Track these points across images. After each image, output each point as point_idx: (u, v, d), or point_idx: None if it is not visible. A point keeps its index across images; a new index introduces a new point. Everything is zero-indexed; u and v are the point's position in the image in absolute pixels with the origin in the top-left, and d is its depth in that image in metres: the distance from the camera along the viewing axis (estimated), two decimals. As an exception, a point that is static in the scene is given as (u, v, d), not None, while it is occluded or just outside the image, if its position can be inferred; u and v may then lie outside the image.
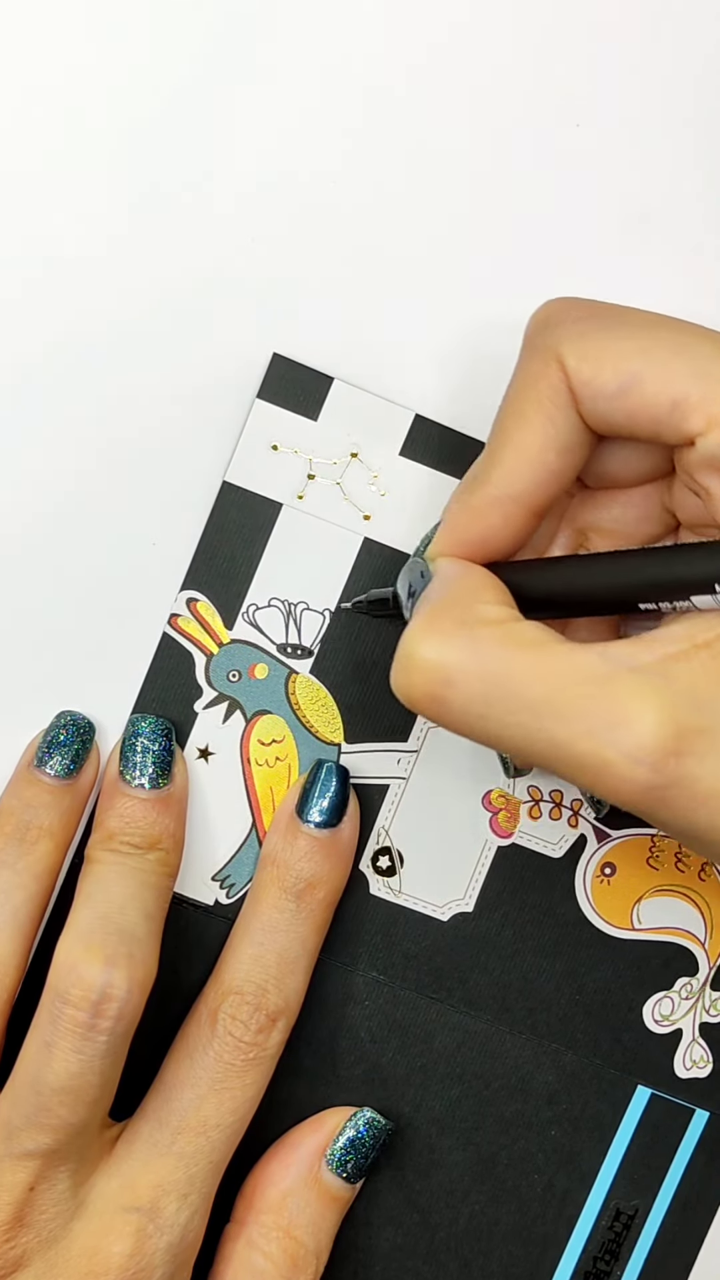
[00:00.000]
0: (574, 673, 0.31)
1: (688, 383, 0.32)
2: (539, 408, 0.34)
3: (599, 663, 0.31)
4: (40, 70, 0.40)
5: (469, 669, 0.32)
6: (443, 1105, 0.42)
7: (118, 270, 0.40)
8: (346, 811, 0.40)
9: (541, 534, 0.37)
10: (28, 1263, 0.36)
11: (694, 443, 0.32)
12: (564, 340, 0.34)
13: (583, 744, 0.31)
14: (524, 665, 0.32)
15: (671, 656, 0.32)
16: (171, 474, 0.41)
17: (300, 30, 0.40)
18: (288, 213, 0.41)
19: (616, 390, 0.33)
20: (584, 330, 0.34)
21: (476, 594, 0.34)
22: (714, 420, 0.32)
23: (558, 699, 0.31)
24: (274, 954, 0.39)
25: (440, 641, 0.32)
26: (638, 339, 0.33)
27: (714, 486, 0.33)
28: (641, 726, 0.30)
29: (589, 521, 0.37)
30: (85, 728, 0.40)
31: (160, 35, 0.40)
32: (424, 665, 0.32)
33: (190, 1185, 0.38)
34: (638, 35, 0.41)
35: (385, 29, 0.41)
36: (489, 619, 0.33)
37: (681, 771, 0.30)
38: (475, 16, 0.41)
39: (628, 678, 0.31)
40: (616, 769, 0.31)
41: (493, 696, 0.31)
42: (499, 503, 0.34)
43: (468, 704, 0.32)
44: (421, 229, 0.41)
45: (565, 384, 0.33)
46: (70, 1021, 0.36)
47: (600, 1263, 0.43)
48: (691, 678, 0.31)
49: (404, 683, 0.33)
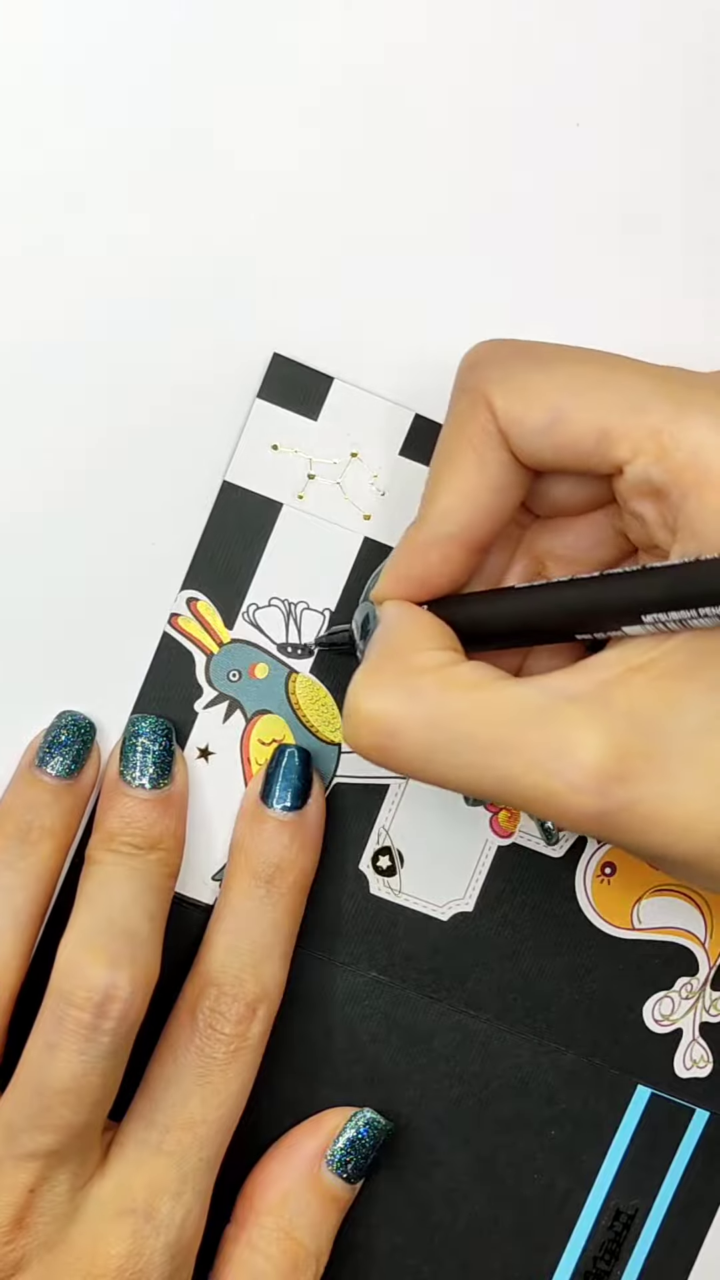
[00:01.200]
0: (513, 709, 0.32)
1: (611, 413, 0.33)
2: (470, 449, 0.35)
3: (536, 696, 0.32)
4: (41, 69, 0.40)
5: (411, 718, 0.33)
6: (442, 1105, 0.42)
7: (118, 270, 0.40)
8: (311, 794, 0.41)
9: (496, 564, 0.37)
10: (26, 1266, 0.36)
11: (623, 471, 0.33)
12: (491, 381, 0.34)
13: (529, 777, 0.31)
14: (463, 708, 0.32)
15: (607, 683, 0.32)
16: (172, 474, 0.41)
17: (302, 30, 0.40)
18: (288, 213, 0.41)
19: (544, 426, 0.33)
20: (511, 370, 0.34)
21: (415, 642, 0.34)
22: (639, 448, 0.32)
23: (500, 736, 0.32)
24: (248, 942, 0.39)
25: (381, 694, 0.33)
26: (562, 374, 0.34)
27: (647, 512, 0.33)
28: (584, 754, 0.31)
29: (544, 549, 0.37)
30: (86, 728, 0.40)
31: (162, 35, 0.40)
32: (368, 719, 0.33)
33: (183, 1183, 0.38)
34: (638, 35, 0.41)
35: (386, 29, 0.41)
36: (426, 666, 0.33)
37: (628, 795, 0.31)
38: (476, 17, 0.41)
39: (566, 708, 0.32)
40: (563, 799, 0.31)
41: (437, 742, 0.32)
42: (437, 542, 0.35)
43: (414, 751, 0.33)
44: (422, 229, 0.41)
45: (495, 424, 0.34)
46: (74, 1023, 0.36)
47: (600, 1263, 0.43)
48: (630, 702, 0.32)
49: (352, 736, 0.34)
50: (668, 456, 0.32)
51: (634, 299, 0.42)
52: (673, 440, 0.32)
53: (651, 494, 0.33)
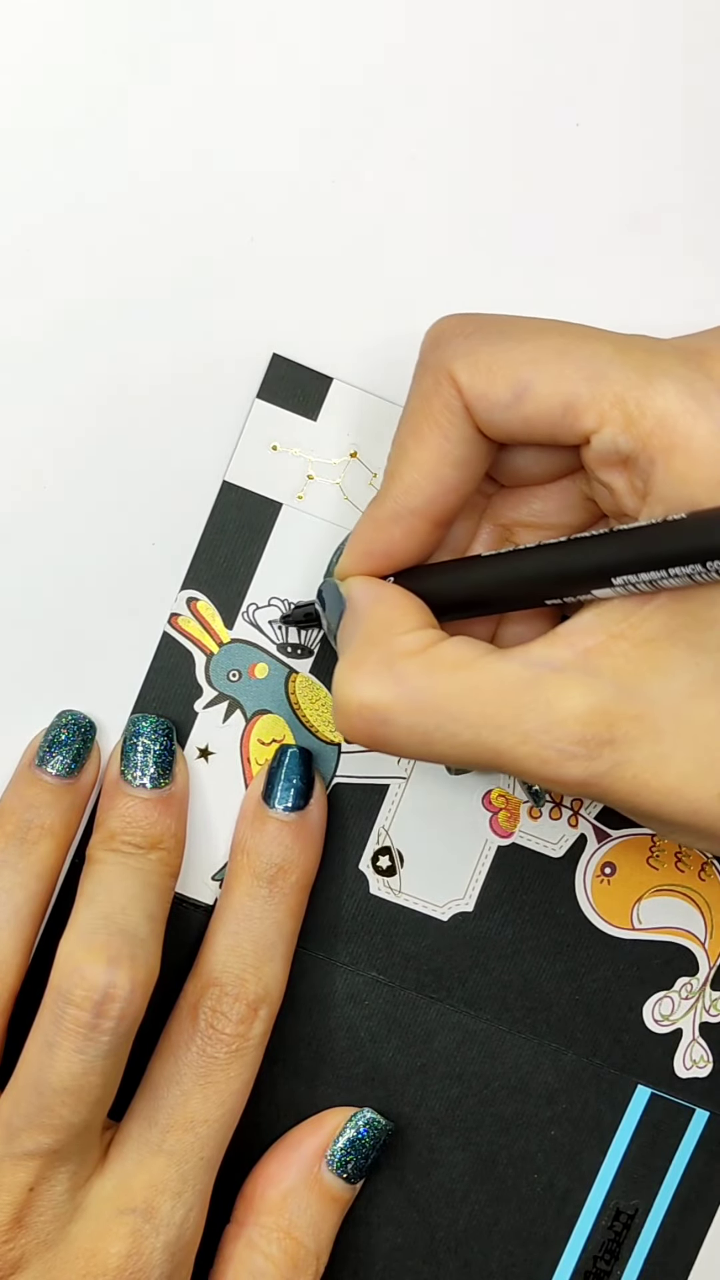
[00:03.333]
0: (500, 684, 0.33)
1: (576, 384, 0.33)
2: (433, 424, 0.35)
3: (522, 669, 0.33)
4: (41, 66, 0.40)
5: (400, 704, 0.33)
6: (443, 1105, 0.42)
7: (118, 271, 0.40)
8: (313, 794, 0.41)
9: (462, 533, 0.38)
10: (26, 1265, 0.36)
11: (589, 441, 0.33)
12: (455, 357, 0.34)
13: (522, 748, 0.32)
14: (452, 688, 0.33)
15: (590, 650, 0.33)
16: (172, 474, 0.41)
17: (302, 30, 0.40)
18: (288, 213, 0.41)
19: (510, 400, 0.34)
20: (474, 345, 0.34)
21: (393, 624, 0.35)
22: (605, 417, 0.33)
23: (491, 713, 0.32)
24: (250, 942, 0.39)
25: (368, 683, 0.33)
26: (525, 347, 0.34)
27: (615, 481, 0.34)
28: (573, 723, 0.32)
29: (512, 517, 0.38)
30: (86, 727, 0.40)
31: (162, 34, 0.40)
32: (359, 709, 0.33)
33: (183, 1183, 0.38)
34: (639, 35, 0.41)
35: (386, 29, 0.41)
36: (410, 649, 0.34)
37: (618, 758, 0.32)
38: (476, 17, 0.41)
39: (553, 678, 0.32)
40: (556, 767, 0.32)
41: (429, 725, 0.33)
42: (399, 517, 0.35)
43: (408, 736, 0.33)
44: (422, 229, 0.41)
45: (459, 399, 0.34)
46: (73, 1022, 0.36)
47: (600, 1262, 0.43)
48: (614, 668, 0.32)
49: (344, 726, 0.34)
50: (634, 424, 0.32)
51: (634, 299, 0.42)
52: (638, 407, 0.32)
53: (619, 462, 0.33)
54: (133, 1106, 0.39)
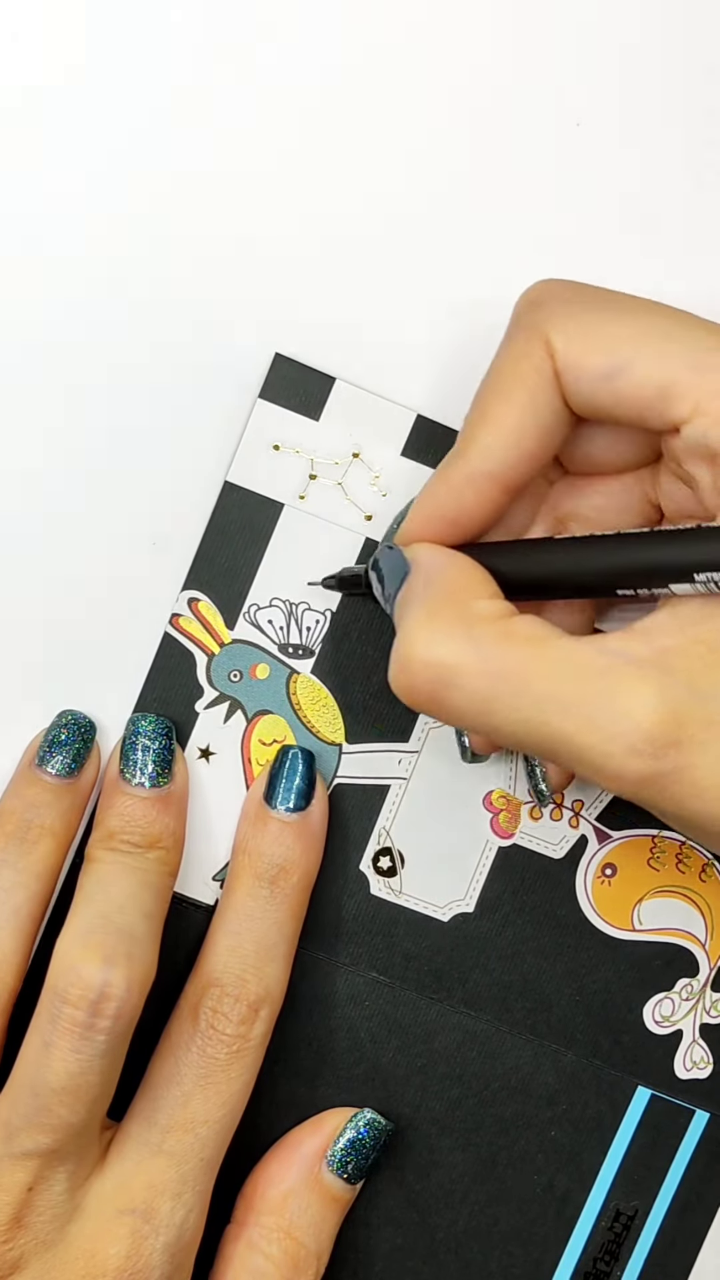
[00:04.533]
0: (574, 667, 0.32)
1: (676, 369, 0.32)
2: (522, 386, 0.34)
3: (598, 656, 0.32)
4: (41, 70, 0.40)
5: (471, 668, 0.32)
6: (443, 1106, 0.42)
7: (119, 271, 0.40)
8: (314, 795, 0.41)
9: (519, 519, 0.37)
10: (25, 1265, 0.36)
11: (679, 430, 0.33)
12: (553, 320, 0.34)
13: (585, 736, 0.31)
14: (525, 661, 0.32)
15: (669, 650, 0.32)
16: (173, 474, 0.41)
17: (300, 31, 0.40)
18: (289, 213, 0.41)
19: (605, 373, 0.33)
20: (574, 312, 0.34)
21: (470, 589, 0.34)
22: (700, 407, 0.32)
23: (560, 693, 0.32)
24: (251, 942, 0.39)
25: (440, 641, 0.32)
26: (629, 324, 0.33)
27: (700, 474, 0.33)
28: (642, 717, 0.31)
29: (569, 509, 0.37)
30: (86, 727, 0.40)
31: (162, 34, 0.40)
32: (426, 665, 0.32)
33: (183, 1184, 0.38)
34: (639, 35, 0.41)
35: (386, 29, 0.41)
36: (486, 615, 0.33)
37: (681, 761, 0.31)
38: (476, 17, 0.41)
39: (628, 670, 0.32)
40: (617, 759, 0.31)
41: (495, 693, 0.32)
42: (474, 479, 0.35)
43: (471, 702, 0.32)
44: (423, 229, 0.41)
45: (551, 365, 0.34)
46: (69, 1021, 0.36)
47: (600, 1263, 0.43)
48: (689, 670, 0.32)
49: (405, 683, 0.33)
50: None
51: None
52: None
53: (708, 457, 0.32)
54: (132, 1107, 0.39)
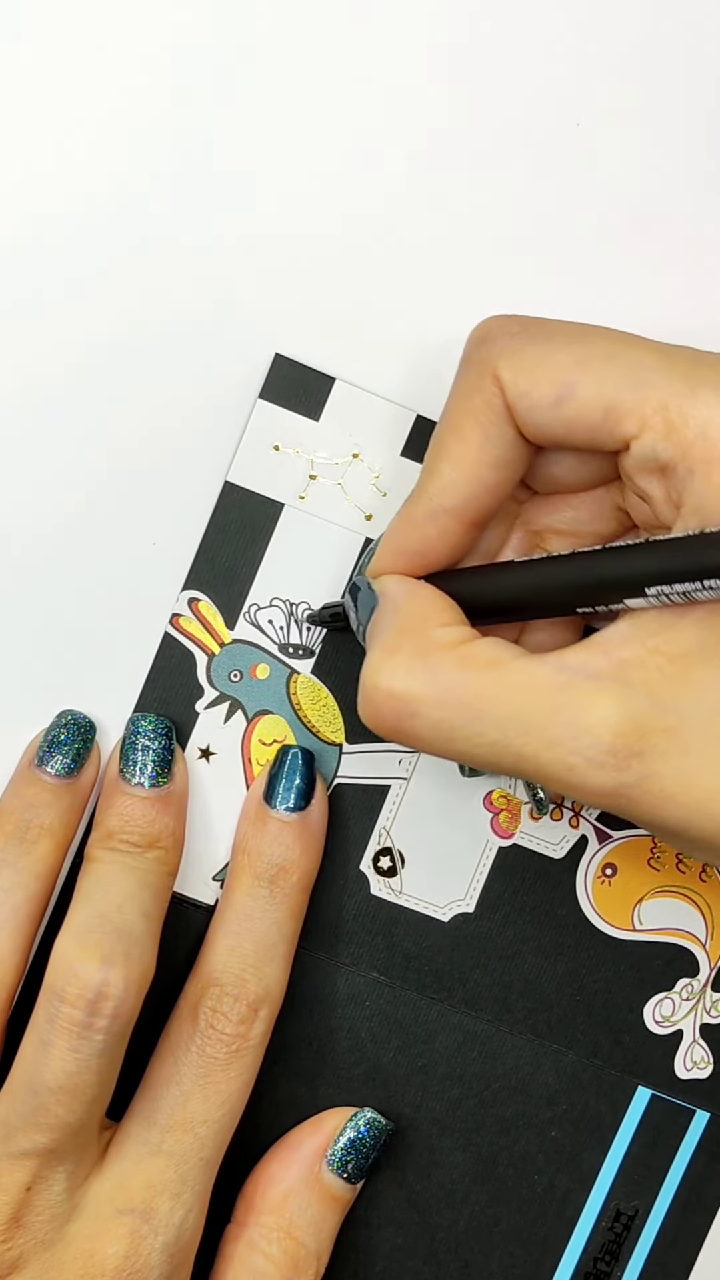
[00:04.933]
0: (533, 687, 0.32)
1: (619, 389, 0.33)
2: (475, 422, 0.35)
3: (555, 674, 0.32)
4: (40, 73, 0.40)
5: (431, 697, 0.33)
6: (443, 1106, 0.42)
7: (119, 271, 0.40)
8: (314, 795, 0.41)
9: (493, 538, 0.38)
10: (24, 1265, 0.36)
11: (629, 447, 0.33)
12: (500, 355, 0.34)
13: (548, 753, 0.32)
14: (483, 686, 0.33)
15: (626, 662, 0.32)
16: (173, 474, 0.41)
17: (303, 30, 0.40)
18: (289, 213, 0.41)
19: (553, 401, 0.33)
20: (520, 345, 0.34)
21: (428, 618, 0.34)
22: (646, 423, 0.32)
23: (520, 714, 0.32)
24: (250, 942, 0.39)
25: (400, 672, 0.33)
26: (572, 350, 0.34)
27: (652, 489, 0.33)
28: (602, 730, 0.31)
29: (544, 524, 0.38)
30: (86, 727, 0.40)
31: (163, 35, 0.40)
32: (388, 697, 0.33)
33: (182, 1184, 0.38)
34: (639, 34, 0.41)
35: (386, 31, 0.41)
36: (444, 643, 0.34)
37: (645, 770, 0.31)
38: (476, 17, 0.41)
39: (586, 685, 0.32)
40: (582, 773, 0.32)
41: (457, 720, 0.33)
42: (435, 516, 0.35)
43: (435, 730, 0.33)
44: (423, 229, 0.41)
45: (501, 398, 0.34)
46: (67, 1020, 0.36)
47: (600, 1263, 0.43)
48: (648, 681, 0.32)
49: (371, 714, 0.34)
50: (675, 432, 0.32)
51: (635, 298, 0.42)
52: (680, 416, 0.32)
53: (657, 470, 0.33)
54: (132, 1107, 0.39)
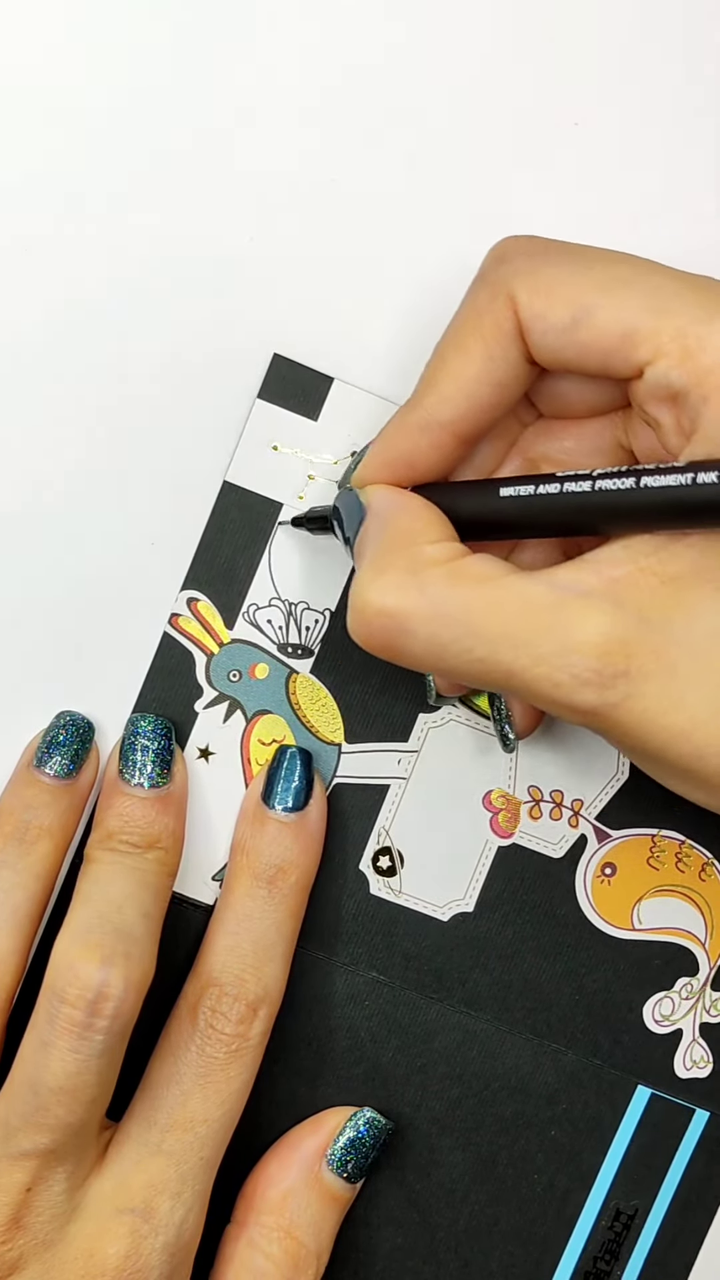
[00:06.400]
0: (523, 603, 0.32)
1: (637, 314, 0.33)
2: (480, 340, 0.34)
3: (547, 591, 0.32)
4: (41, 68, 0.40)
5: (422, 613, 0.33)
6: (443, 1105, 0.42)
7: (118, 271, 0.40)
8: (313, 794, 0.41)
9: (490, 457, 0.37)
10: (24, 1265, 0.36)
11: (643, 373, 0.33)
12: (517, 275, 0.34)
13: (536, 669, 0.32)
14: (474, 602, 0.32)
15: (617, 580, 0.32)
16: (172, 474, 0.41)
17: (301, 29, 0.40)
18: (288, 212, 0.41)
19: (568, 324, 0.33)
20: (537, 266, 0.34)
21: (418, 532, 0.34)
22: (661, 350, 0.32)
23: (510, 629, 0.32)
24: (249, 942, 0.39)
25: (391, 589, 0.33)
26: (591, 274, 0.33)
27: (663, 417, 0.33)
28: (590, 648, 0.31)
29: (541, 452, 0.37)
30: (85, 728, 0.40)
31: (162, 35, 0.40)
32: (378, 614, 0.33)
33: (183, 1183, 0.38)
34: (638, 33, 0.41)
35: (385, 29, 0.41)
36: (435, 559, 0.33)
37: (631, 690, 0.31)
38: (475, 16, 0.41)
39: (576, 603, 0.32)
40: (567, 691, 0.32)
41: (447, 636, 0.32)
42: (428, 427, 0.35)
43: (425, 646, 0.33)
44: (422, 229, 0.41)
45: (513, 319, 0.34)
46: (67, 1020, 0.36)
47: (600, 1263, 0.43)
48: (639, 601, 0.32)
49: (361, 630, 0.33)
50: (691, 359, 0.32)
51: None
52: (698, 343, 0.32)
53: (669, 398, 0.33)
54: (132, 1107, 0.39)
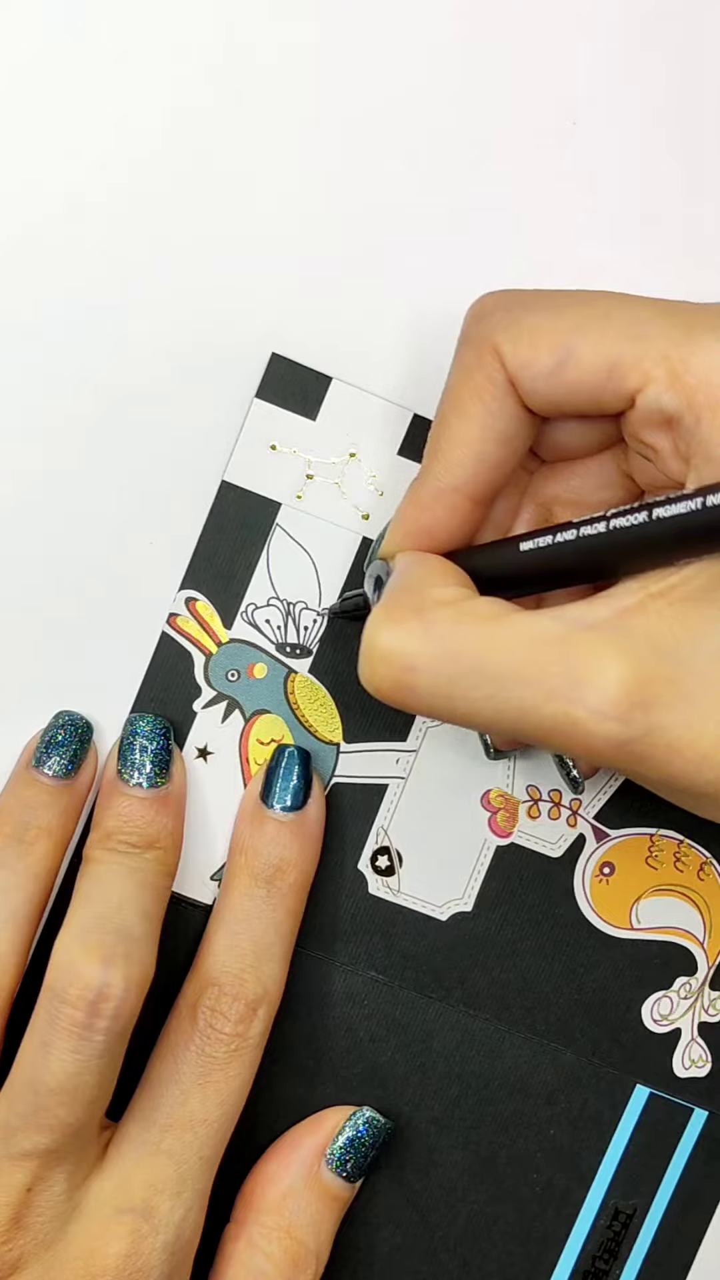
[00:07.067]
0: (531, 639, 0.32)
1: (618, 344, 0.33)
2: (477, 398, 0.35)
3: (555, 626, 0.32)
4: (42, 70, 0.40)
5: (428, 652, 0.32)
6: (442, 1105, 0.42)
7: (116, 268, 0.40)
8: (311, 794, 0.41)
9: (504, 511, 0.37)
10: (25, 1265, 0.36)
11: (634, 403, 0.33)
12: (498, 329, 0.34)
13: (549, 707, 0.31)
14: (481, 639, 0.32)
15: (627, 610, 0.32)
16: (170, 474, 0.41)
17: (299, 31, 0.40)
18: (287, 213, 0.41)
19: (554, 366, 0.33)
20: (516, 317, 0.34)
21: (429, 579, 0.34)
22: (649, 375, 0.32)
23: (519, 666, 0.31)
24: (249, 942, 0.39)
25: (397, 630, 0.33)
26: (567, 314, 0.34)
27: (659, 442, 0.33)
28: (604, 681, 0.31)
29: (551, 495, 0.38)
30: (83, 727, 0.40)
31: (162, 35, 0.40)
32: (385, 655, 0.33)
33: (182, 1183, 0.38)
34: (638, 34, 0.41)
35: (383, 30, 0.41)
36: (442, 600, 0.33)
37: (651, 722, 0.31)
38: (475, 16, 0.41)
39: (585, 636, 0.31)
40: (586, 727, 0.31)
41: (455, 675, 0.32)
42: (442, 494, 0.35)
43: (433, 687, 0.32)
44: (420, 229, 0.41)
45: (502, 372, 0.34)
46: (67, 1021, 0.36)
47: (599, 1262, 0.43)
48: (649, 629, 0.31)
49: (369, 674, 0.33)
50: (678, 381, 0.32)
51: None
52: (682, 364, 0.32)
53: (663, 423, 0.33)
54: (131, 1106, 0.39)
